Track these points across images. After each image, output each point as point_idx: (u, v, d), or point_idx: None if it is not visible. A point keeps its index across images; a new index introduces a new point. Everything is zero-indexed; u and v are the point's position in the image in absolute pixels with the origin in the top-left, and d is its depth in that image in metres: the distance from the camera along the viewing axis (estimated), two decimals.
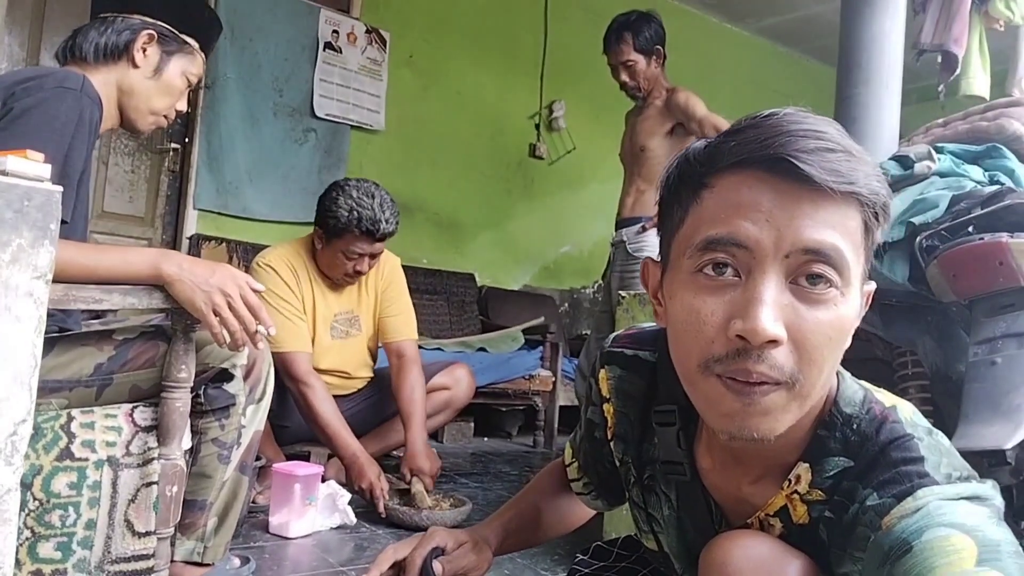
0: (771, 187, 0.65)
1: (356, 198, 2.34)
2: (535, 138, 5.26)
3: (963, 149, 1.86)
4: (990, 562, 0.57)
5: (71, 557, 1.18)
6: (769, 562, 0.70)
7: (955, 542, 0.58)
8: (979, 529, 0.59)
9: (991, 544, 0.58)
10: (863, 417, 0.71)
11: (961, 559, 0.57)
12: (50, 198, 0.86)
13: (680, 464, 0.83)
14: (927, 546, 0.59)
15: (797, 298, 0.65)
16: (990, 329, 1.54)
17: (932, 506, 0.62)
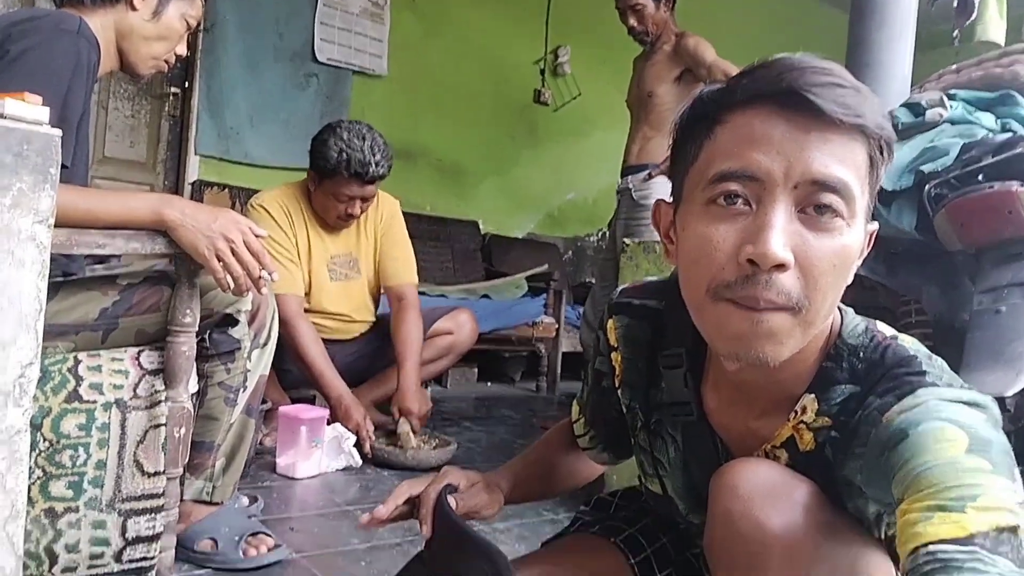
0: (783, 120, 0.67)
1: (347, 140, 2.32)
2: (540, 84, 5.18)
3: (976, 96, 1.82)
4: (979, 452, 0.60)
5: (83, 495, 1.20)
6: (778, 484, 0.72)
7: (949, 433, 0.62)
8: (973, 426, 0.62)
9: (983, 440, 0.61)
10: (867, 345, 0.74)
11: (953, 447, 0.61)
12: (49, 142, 0.86)
13: (687, 404, 0.86)
14: (922, 433, 0.63)
15: (805, 226, 0.67)
16: (996, 278, 1.53)
17: (931, 403, 0.65)
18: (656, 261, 2.10)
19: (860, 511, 0.74)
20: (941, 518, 0.58)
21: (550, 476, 1.12)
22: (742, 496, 0.72)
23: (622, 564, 0.99)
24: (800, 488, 0.73)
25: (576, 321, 4.14)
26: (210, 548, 1.44)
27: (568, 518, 1.91)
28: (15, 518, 0.84)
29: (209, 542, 1.45)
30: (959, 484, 0.59)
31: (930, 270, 1.83)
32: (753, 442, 0.80)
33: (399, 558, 1.56)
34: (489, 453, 2.57)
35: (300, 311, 2.39)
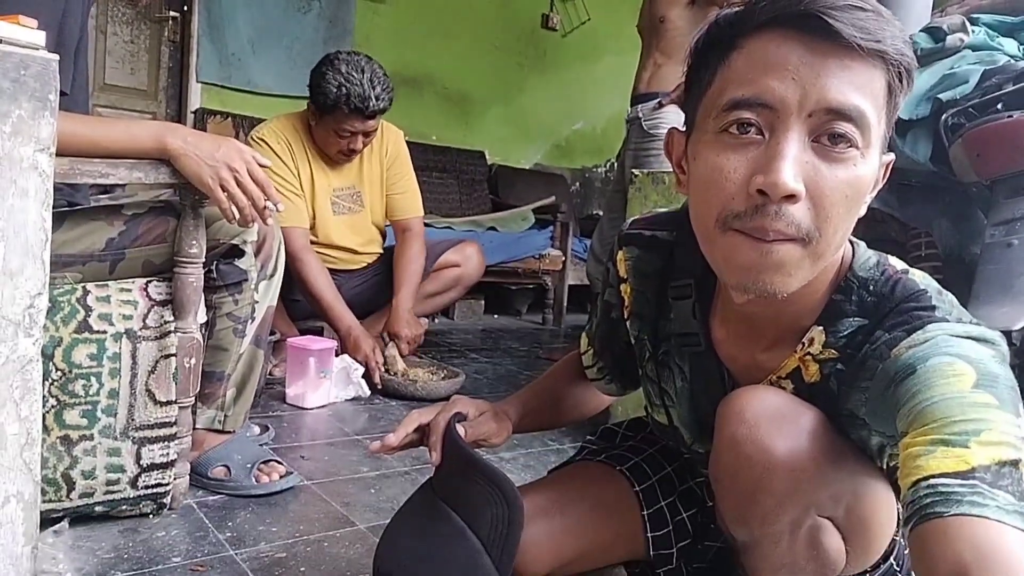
0: (800, 44, 0.65)
1: (345, 73, 2.27)
2: (548, 8, 5.03)
3: (999, 20, 1.77)
4: (986, 387, 0.60)
5: (96, 424, 1.22)
6: (784, 410, 0.73)
7: (957, 368, 0.62)
8: (981, 362, 0.63)
9: (990, 375, 0.62)
10: (878, 279, 0.73)
11: (960, 381, 0.61)
12: (47, 66, 0.84)
13: (695, 335, 0.86)
14: (930, 368, 0.63)
15: (818, 156, 0.66)
16: (1010, 210, 1.51)
17: (940, 339, 0.65)
18: (665, 192, 2.07)
19: (863, 442, 0.75)
20: (944, 452, 0.58)
21: (558, 406, 1.14)
22: (748, 421, 0.73)
23: (627, 491, 1.01)
24: (806, 414, 0.74)
25: (583, 254, 4.12)
26: (223, 475, 1.47)
27: (573, 448, 1.95)
28: (31, 445, 0.85)
29: (222, 469, 1.48)
30: (964, 418, 0.59)
31: (942, 203, 1.80)
32: (759, 374, 0.81)
33: (408, 486, 1.59)
34: (495, 384, 2.60)
35: (306, 244, 2.39)
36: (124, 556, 1.19)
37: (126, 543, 1.23)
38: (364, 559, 1.26)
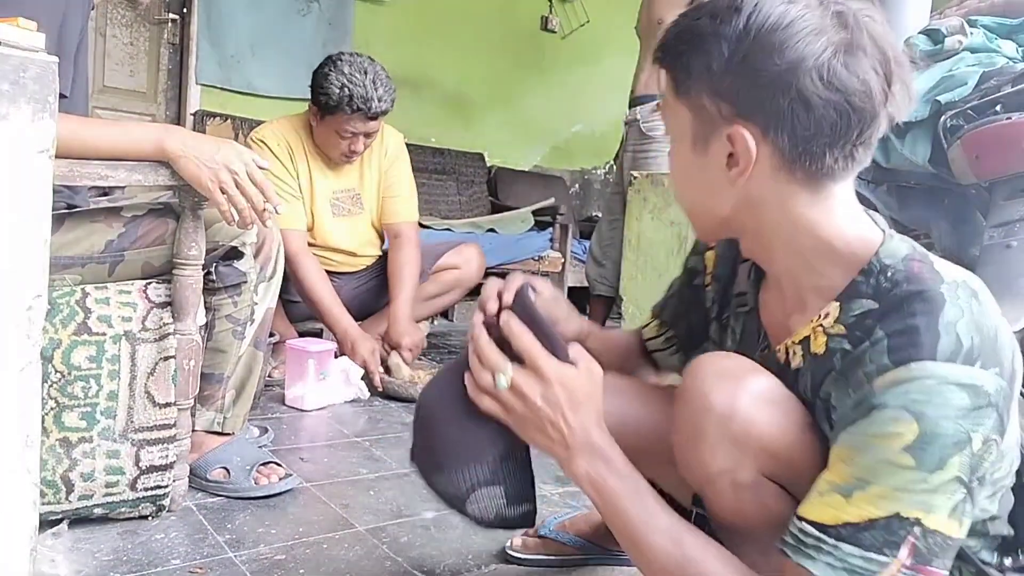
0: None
1: (348, 74, 2.26)
2: (547, 10, 5.04)
3: (998, 23, 1.77)
4: (915, 450, 0.64)
5: (96, 426, 1.22)
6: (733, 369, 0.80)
7: (900, 426, 0.65)
8: (936, 421, 0.65)
9: (930, 436, 0.64)
10: (900, 268, 0.73)
11: (895, 440, 0.65)
12: (47, 69, 0.84)
13: (746, 294, 0.93)
14: (879, 418, 0.67)
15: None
16: (1008, 212, 1.52)
17: (915, 384, 0.66)
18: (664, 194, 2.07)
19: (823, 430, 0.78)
20: (828, 499, 0.67)
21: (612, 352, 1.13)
22: (697, 376, 0.80)
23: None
24: (758, 378, 0.78)
25: (582, 255, 4.12)
26: (222, 477, 1.47)
27: None
28: (30, 447, 0.85)
29: (221, 471, 1.48)
30: (865, 474, 0.66)
31: (941, 204, 1.80)
32: (782, 335, 0.85)
33: (407, 487, 1.59)
34: None
35: (304, 247, 2.38)
36: (123, 558, 1.19)
37: (125, 545, 1.23)
38: (363, 561, 1.26)
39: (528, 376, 0.81)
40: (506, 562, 1.31)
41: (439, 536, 1.38)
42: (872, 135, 0.74)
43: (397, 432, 1.98)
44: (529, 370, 0.81)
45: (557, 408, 0.79)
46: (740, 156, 0.74)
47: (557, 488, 1.67)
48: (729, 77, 0.72)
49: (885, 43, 0.72)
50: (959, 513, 0.67)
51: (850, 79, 0.69)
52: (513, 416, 0.83)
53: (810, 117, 0.70)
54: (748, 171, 0.75)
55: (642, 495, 0.77)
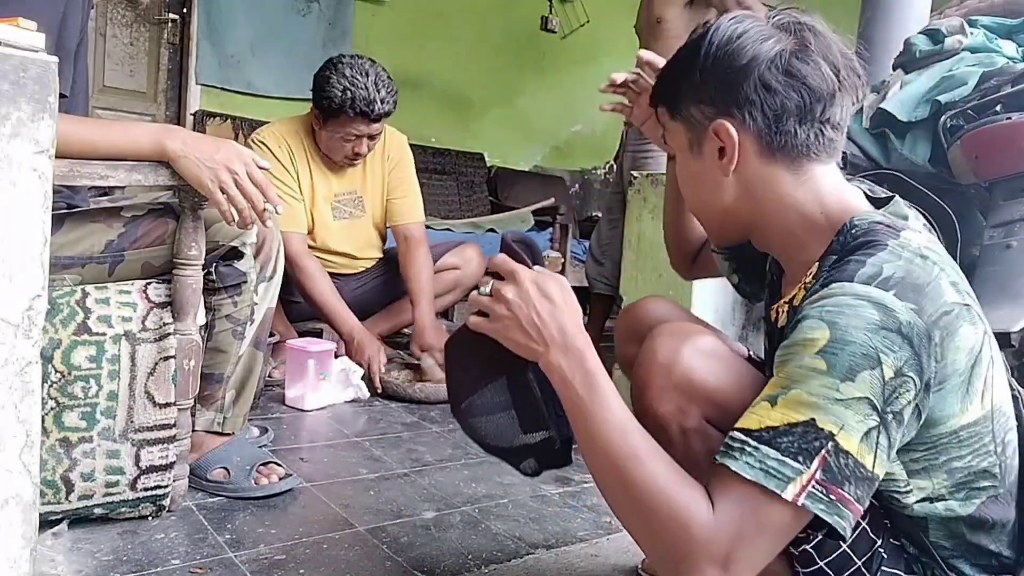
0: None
1: (350, 77, 2.26)
2: (547, 10, 5.04)
3: (998, 23, 1.77)
4: (827, 353, 0.72)
5: (96, 426, 1.22)
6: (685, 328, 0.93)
7: (815, 333, 0.73)
8: (844, 328, 0.72)
9: (841, 341, 0.72)
10: (863, 228, 0.82)
11: (810, 345, 0.73)
12: (47, 69, 0.84)
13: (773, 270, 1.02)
14: (799, 328, 0.75)
15: None
16: (1008, 212, 1.52)
17: (831, 300, 0.75)
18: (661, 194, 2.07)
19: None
20: (757, 409, 0.75)
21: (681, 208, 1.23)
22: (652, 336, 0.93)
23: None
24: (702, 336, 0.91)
25: (582, 255, 4.12)
26: (222, 477, 1.47)
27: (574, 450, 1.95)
28: (30, 447, 0.85)
29: (221, 471, 1.48)
30: (787, 380, 0.74)
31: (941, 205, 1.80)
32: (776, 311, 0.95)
33: (407, 487, 1.59)
34: None
35: (304, 248, 2.38)
36: (123, 558, 1.19)
37: (125, 545, 1.23)
38: (363, 561, 1.26)
39: (505, 283, 0.88)
40: (506, 561, 1.31)
41: (439, 536, 1.38)
42: (835, 114, 0.85)
43: (397, 432, 1.98)
44: (507, 279, 0.88)
45: (531, 306, 0.85)
46: (727, 145, 0.86)
47: (557, 488, 1.67)
48: (704, 85, 0.87)
49: (829, 40, 0.85)
50: (873, 443, 0.72)
51: (802, 66, 0.82)
52: (496, 323, 0.88)
53: (775, 99, 0.83)
54: (735, 156, 0.86)
55: (603, 390, 0.81)
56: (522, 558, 1.34)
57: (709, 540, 0.71)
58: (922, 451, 0.79)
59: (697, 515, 0.72)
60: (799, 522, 0.73)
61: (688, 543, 0.72)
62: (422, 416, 2.14)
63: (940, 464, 0.80)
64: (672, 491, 0.74)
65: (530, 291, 0.85)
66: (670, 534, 0.73)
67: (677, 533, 0.73)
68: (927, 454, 0.79)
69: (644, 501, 0.75)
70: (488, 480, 1.68)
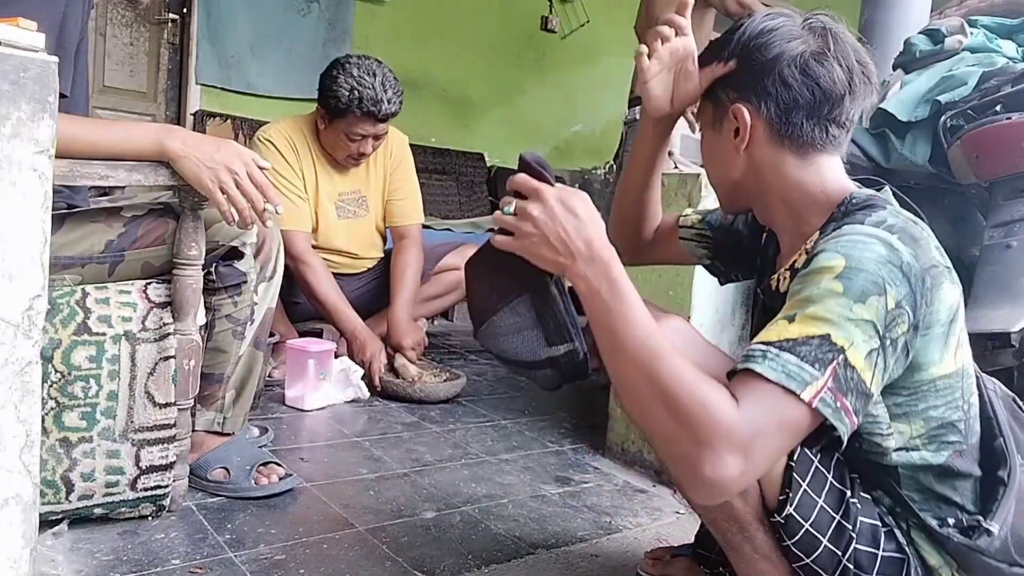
0: None
1: (357, 77, 2.26)
2: (547, 10, 5.04)
3: (998, 23, 1.77)
4: (843, 278, 0.81)
5: (96, 426, 1.22)
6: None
7: (833, 261, 0.83)
8: (857, 257, 0.82)
9: (855, 269, 0.81)
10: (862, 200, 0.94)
11: (827, 272, 0.82)
12: (47, 69, 0.84)
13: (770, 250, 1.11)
14: (817, 261, 0.85)
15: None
16: (1008, 212, 1.52)
17: (845, 237, 0.85)
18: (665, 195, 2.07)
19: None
20: (776, 327, 0.82)
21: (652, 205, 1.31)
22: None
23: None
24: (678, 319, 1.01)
25: None
26: (223, 477, 1.47)
27: (573, 450, 1.95)
28: (30, 447, 0.85)
29: (221, 471, 1.48)
30: (805, 300, 0.82)
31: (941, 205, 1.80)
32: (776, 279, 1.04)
33: (407, 488, 1.59)
34: (495, 386, 2.60)
35: (309, 247, 2.38)
36: (123, 558, 1.19)
37: (125, 545, 1.23)
38: (363, 561, 1.26)
39: (529, 201, 0.91)
40: (506, 561, 1.31)
41: (439, 536, 1.39)
42: (841, 115, 0.95)
43: (397, 432, 1.98)
44: (531, 197, 0.91)
45: (557, 220, 0.89)
46: (741, 127, 0.97)
47: (557, 488, 1.67)
48: (734, 73, 0.98)
49: (849, 48, 0.94)
50: (873, 362, 0.81)
51: (818, 68, 0.92)
52: (522, 241, 0.92)
53: (789, 94, 0.93)
54: (747, 138, 0.97)
55: (629, 296, 0.86)
56: (522, 558, 1.34)
57: (733, 429, 0.76)
58: (905, 396, 0.90)
59: (723, 405, 0.77)
60: (810, 425, 0.80)
61: (712, 430, 0.77)
62: (422, 416, 2.14)
63: (919, 411, 0.90)
64: (698, 383, 0.79)
65: (555, 208, 0.89)
66: (694, 421, 0.78)
67: (702, 420, 0.77)
68: (909, 399, 0.90)
69: (670, 392, 0.80)
70: (488, 480, 1.68)
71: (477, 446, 1.92)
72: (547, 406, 2.37)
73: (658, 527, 1.52)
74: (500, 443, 1.97)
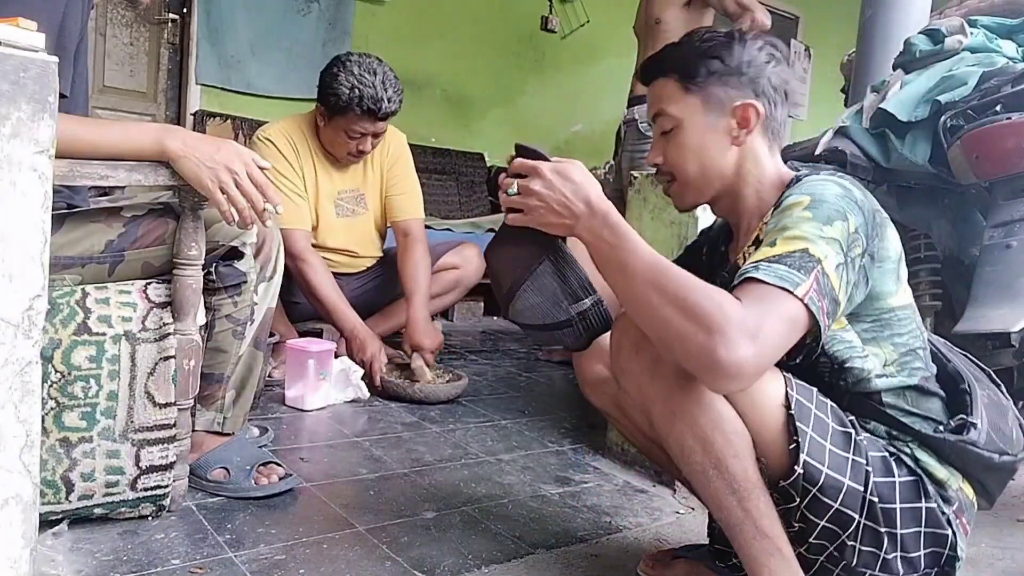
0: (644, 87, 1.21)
1: (357, 75, 2.26)
2: (547, 10, 5.04)
3: (998, 23, 1.77)
4: (811, 207, 0.98)
5: (96, 426, 1.22)
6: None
7: (800, 199, 1.01)
8: (819, 194, 1.00)
9: (819, 200, 0.99)
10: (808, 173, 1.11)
11: (798, 206, 0.99)
12: (46, 69, 0.84)
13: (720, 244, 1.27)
14: (785, 201, 1.03)
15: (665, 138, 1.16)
16: (1008, 212, 1.52)
17: (806, 183, 1.04)
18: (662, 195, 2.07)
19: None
20: (760, 252, 0.96)
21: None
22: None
23: None
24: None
25: None
26: (222, 477, 1.47)
27: (573, 450, 1.95)
28: (30, 447, 0.85)
29: (221, 471, 1.48)
30: (783, 227, 0.97)
31: (941, 204, 1.80)
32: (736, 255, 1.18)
33: (407, 487, 1.59)
34: (495, 386, 2.60)
35: (309, 246, 2.38)
36: (123, 558, 1.19)
37: (125, 545, 1.23)
38: (363, 561, 1.26)
39: (529, 178, 1.03)
40: (506, 561, 1.31)
41: (439, 536, 1.38)
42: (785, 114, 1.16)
43: (397, 432, 1.98)
44: (531, 174, 1.03)
45: (557, 190, 1.01)
46: (751, 119, 1.11)
47: (557, 488, 1.67)
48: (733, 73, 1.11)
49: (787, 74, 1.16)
50: (840, 274, 0.95)
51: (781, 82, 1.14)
52: (531, 213, 1.03)
53: (777, 94, 1.13)
54: (754, 129, 1.12)
55: (629, 233, 0.98)
56: (522, 558, 1.34)
57: (742, 318, 0.87)
58: (869, 323, 1.05)
59: (730, 302, 0.88)
60: (803, 321, 0.92)
61: (723, 318, 0.86)
62: (422, 416, 2.14)
63: (885, 337, 1.06)
64: (705, 287, 0.90)
65: (553, 180, 1.01)
66: (706, 313, 0.87)
67: (712, 311, 0.87)
68: (874, 326, 1.05)
69: (680, 294, 0.90)
70: (488, 480, 1.68)
71: (477, 446, 1.92)
72: (547, 406, 2.37)
73: (658, 527, 1.52)
74: (500, 443, 1.97)
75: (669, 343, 0.92)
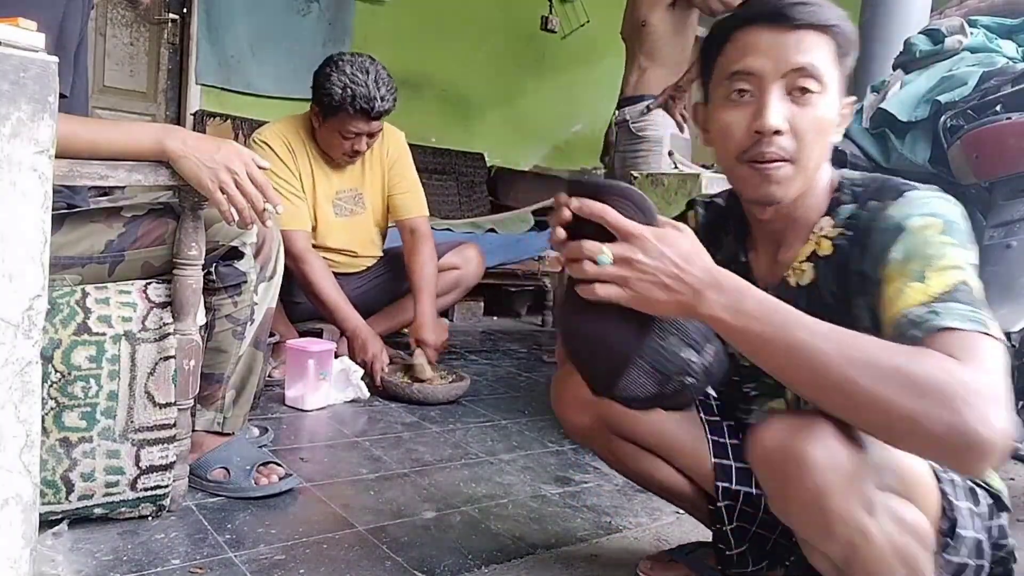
0: (768, 31, 0.95)
1: (350, 75, 2.26)
2: (547, 10, 5.04)
3: (998, 23, 1.77)
4: (949, 232, 0.87)
5: (96, 426, 1.22)
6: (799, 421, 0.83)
7: (929, 221, 0.88)
8: (945, 214, 0.89)
9: (952, 223, 0.88)
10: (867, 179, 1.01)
11: (932, 229, 0.87)
12: (47, 69, 0.84)
13: (735, 254, 1.11)
14: (911, 226, 0.88)
15: (794, 103, 0.95)
16: (1008, 212, 1.52)
17: (917, 201, 0.91)
18: (664, 194, 2.07)
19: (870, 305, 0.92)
20: (908, 292, 0.83)
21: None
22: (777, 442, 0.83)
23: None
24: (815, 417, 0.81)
25: None
26: (222, 477, 1.47)
27: (573, 450, 1.95)
28: (30, 447, 0.85)
29: (221, 471, 1.48)
30: (926, 260, 0.85)
31: None
32: (780, 270, 1.04)
33: (407, 488, 1.59)
34: (495, 386, 2.60)
35: (309, 246, 2.38)
36: (123, 558, 1.19)
37: (125, 545, 1.23)
38: (363, 561, 1.26)
39: (623, 243, 0.83)
40: (506, 561, 1.31)
41: (439, 536, 1.38)
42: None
43: (397, 432, 1.98)
44: (621, 239, 0.83)
45: (666, 259, 0.82)
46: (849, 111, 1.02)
47: (557, 488, 1.67)
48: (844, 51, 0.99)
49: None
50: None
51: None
52: (630, 288, 0.83)
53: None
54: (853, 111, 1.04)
55: (781, 307, 0.80)
56: (522, 558, 1.34)
57: (978, 382, 0.72)
58: None
59: (954, 364, 0.73)
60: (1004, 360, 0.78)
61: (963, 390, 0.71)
62: (422, 416, 2.14)
63: None
64: (914, 353, 0.75)
65: (660, 247, 0.82)
66: (940, 389, 0.71)
67: (947, 384, 0.71)
68: None
69: (899, 373, 0.73)
70: (488, 480, 1.68)
71: (477, 446, 1.92)
72: (547, 406, 2.36)
73: (658, 527, 1.52)
74: (500, 443, 1.97)
75: (895, 432, 0.75)
